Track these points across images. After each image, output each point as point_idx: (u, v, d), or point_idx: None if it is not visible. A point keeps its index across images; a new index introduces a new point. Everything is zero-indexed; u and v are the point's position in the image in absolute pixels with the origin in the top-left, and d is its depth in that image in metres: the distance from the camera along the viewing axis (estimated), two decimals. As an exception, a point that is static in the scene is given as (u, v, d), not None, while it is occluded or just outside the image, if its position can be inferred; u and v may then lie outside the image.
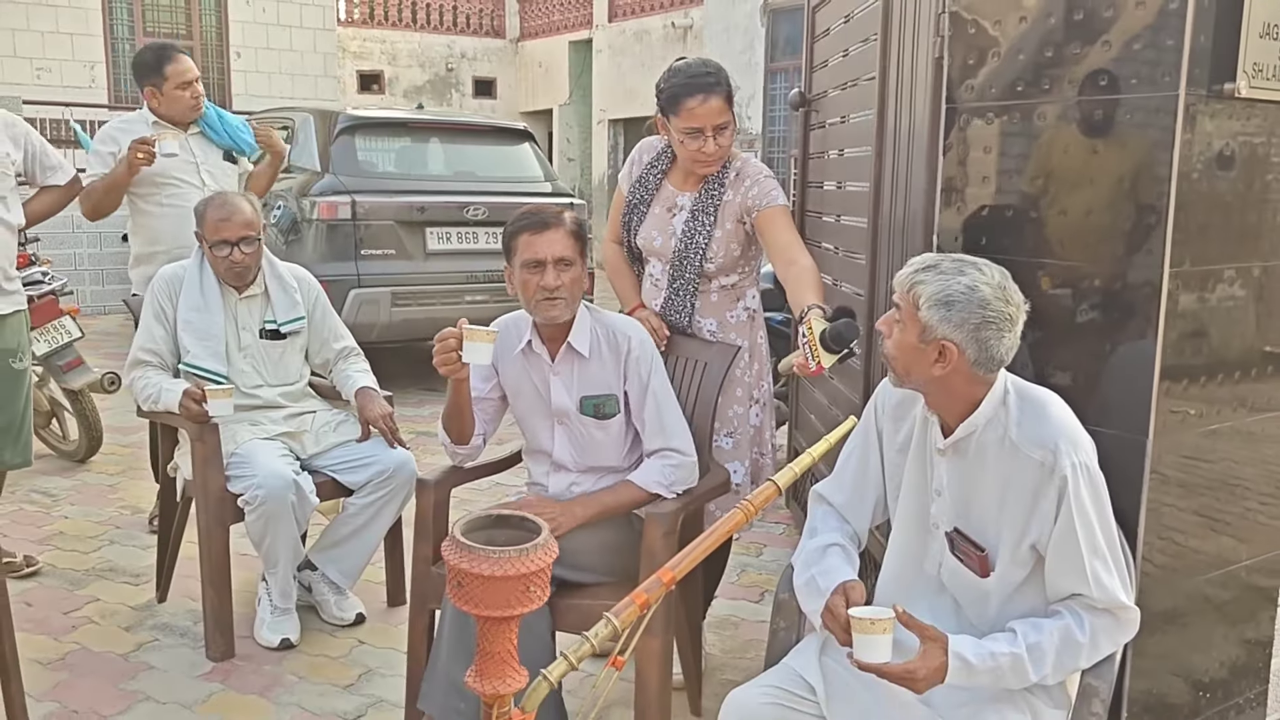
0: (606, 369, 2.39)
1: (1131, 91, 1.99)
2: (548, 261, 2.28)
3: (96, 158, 3.75)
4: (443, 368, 2.19)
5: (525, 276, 2.31)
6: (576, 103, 15.64)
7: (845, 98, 3.38)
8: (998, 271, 1.78)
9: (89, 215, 3.77)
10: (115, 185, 3.67)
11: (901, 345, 1.83)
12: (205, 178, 3.91)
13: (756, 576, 3.58)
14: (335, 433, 3.15)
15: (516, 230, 2.32)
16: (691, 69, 2.51)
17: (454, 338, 2.16)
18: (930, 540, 1.94)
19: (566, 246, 2.31)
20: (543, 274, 2.29)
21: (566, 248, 2.31)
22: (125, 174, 3.61)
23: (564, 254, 2.30)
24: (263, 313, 3.16)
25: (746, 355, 2.71)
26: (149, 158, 3.57)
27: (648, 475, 2.36)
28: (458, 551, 1.36)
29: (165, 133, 3.71)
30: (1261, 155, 2.08)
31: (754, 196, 2.56)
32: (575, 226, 2.34)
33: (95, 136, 3.87)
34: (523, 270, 2.31)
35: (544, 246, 2.28)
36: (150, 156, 3.57)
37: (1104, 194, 2.04)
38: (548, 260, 2.28)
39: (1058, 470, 1.71)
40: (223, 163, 3.98)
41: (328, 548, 3.15)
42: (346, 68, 15.74)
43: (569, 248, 2.31)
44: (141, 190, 3.73)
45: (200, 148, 3.90)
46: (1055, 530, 1.73)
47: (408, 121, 6.59)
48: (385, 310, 5.89)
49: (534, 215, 2.33)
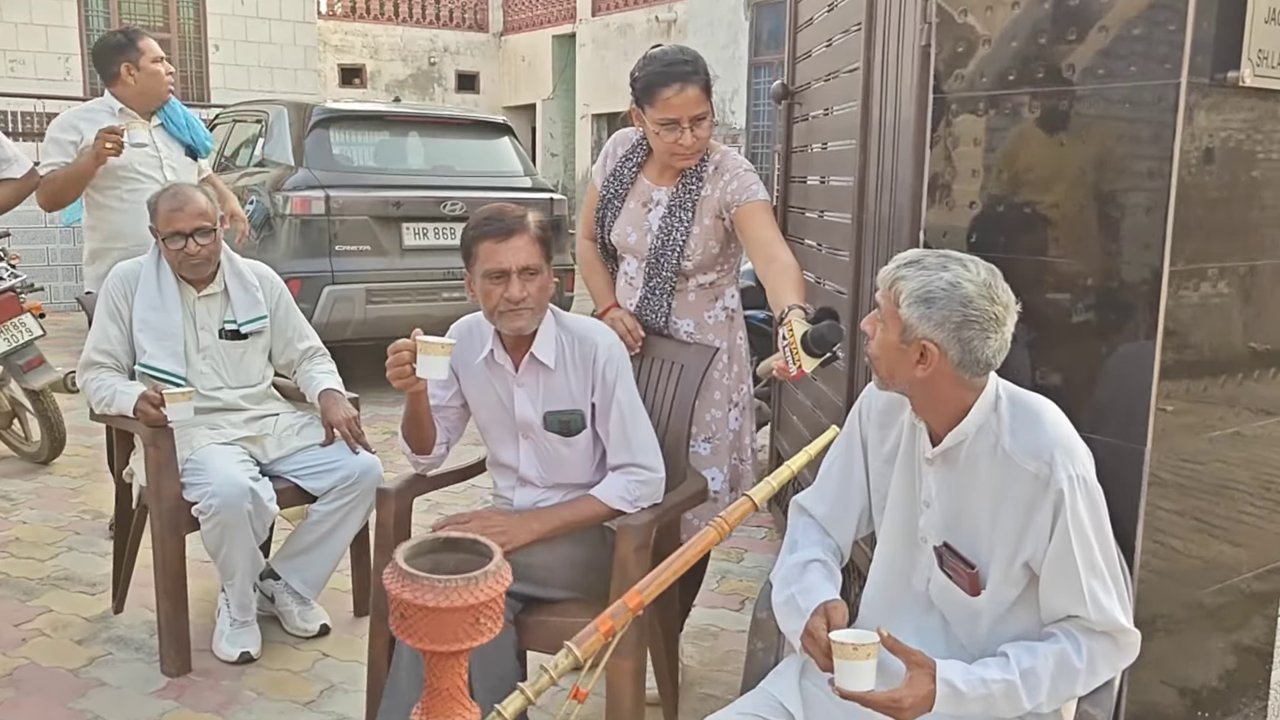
0: (573, 380, 2.25)
1: (1130, 80, 1.88)
2: (512, 271, 2.12)
3: (56, 146, 3.61)
4: (396, 381, 2.07)
5: (488, 287, 2.15)
6: (560, 97, 15.50)
7: (829, 89, 3.27)
8: (985, 268, 1.67)
9: (46, 206, 3.64)
10: (79, 176, 3.52)
11: (884, 346, 1.72)
12: (168, 172, 3.81)
13: (737, 583, 3.47)
14: (298, 436, 3.02)
15: (477, 236, 2.16)
16: (667, 57, 2.38)
17: (407, 350, 2.03)
18: (918, 555, 1.84)
19: (532, 254, 2.15)
20: (507, 285, 2.13)
21: (532, 255, 2.15)
22: (91, 164, 3.48)
23: (529, 262, 2.14)
24: (222, 312, 3.03)
25: (725, 357, 2.60)
26: (118, 148, 3.44)
27: (610, 490, 2.22)
28: (399, 580, 1.24)
29: (134, 122, 3.61)
30: (1265, 147, 1.97)
31: (733, 191, 2.44)
32: (540, 231, 2.18)
33: (53, 124, 3.72)
34: (485, 280, 2.16)
35: (508, 255, 2.12)
36: (119, 146, 3.44)
37: (1100, 188, 1.93)
38: (512, 270, 2.12)
39: (1053, 483, 1.60)
40: (184, 158, 3.89)
41: (291, 556, 3.03)
42: (327, 61, 15.57)
43: (534, 254, 2.15)
44: (101, 183, 3.59)
45: (163, 141, 3.81)
46: (1050, 547, 1.62)
47: (383, 115, 6.45)
48: (360, 308, 5.76)
49: (495, 220, 2.15)
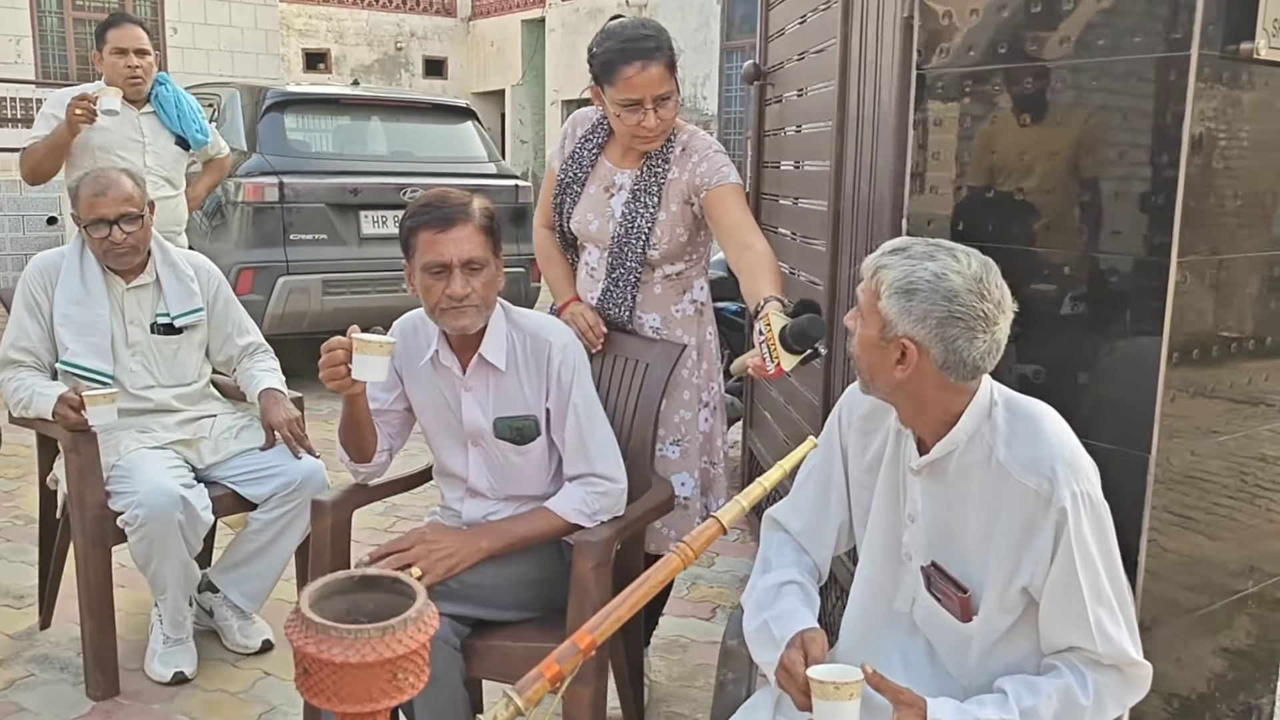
0: (527, 383, 2.05)
1: (1134, 52, 1.71)
2: (453, 265, 1.92)
3: (42, 120, 3.77)
4: (330, 383, 1.88)
5: (427, 281, 1.94)
6: (529, 83, 15.25)
7: (803, 68, 3.09)
8: (978, 260, 1.49)
9: (28, 178, 3.81)
10: (56, 146, 3.61)
11: (864, 343, 1.55)
12: (149, 159, 3.85)
13: (708, 590, 3.30)
14: (237, 440, 2.81)
15: (416, 225, 1.95)
16: (627, 31, 2.19)
17: (342, 349, 1.84)
18: (902, 573, 1.67)
19: (476, 245, 1.94)
20: (448, 280, 1.93)
21: (476, 246, 1.94)
22: (66, 134, 3.55)
23: (473, 255, 1.93)
24: (154, 304, 2.81)
25: (694, 354, 2.42)
26: (88, 114, 3.50)
27: (567, 503, 2.03)
28: (303, 631, 1.05)
29: (108, 90, 3.64)
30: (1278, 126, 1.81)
31: (703, 174, 2.25)
32: (486, 219, 1.98)
33: (46, 101, 3.87)
34: (424, 274, 1.95)
35: (449, 248, 1.92)
36: (89, 113, 3.52)
37: (1101, 171, 1.76)
38: (453, 263, 1.92)
39: (1055, 501, 1.44)
40: (173, 148, 3.96)
41: (230, 568, 2.82)
42: (291, 46, 15.22)
43: (479, 246, 1.95)
44: (80, 163, 3.62)
45: (150, 128, 3.88)
46: (1052, 571, 1.46)
47: (340, 98, 6.21)
48: (316, 299, 5.53)
49: (435, 208, 1.94)
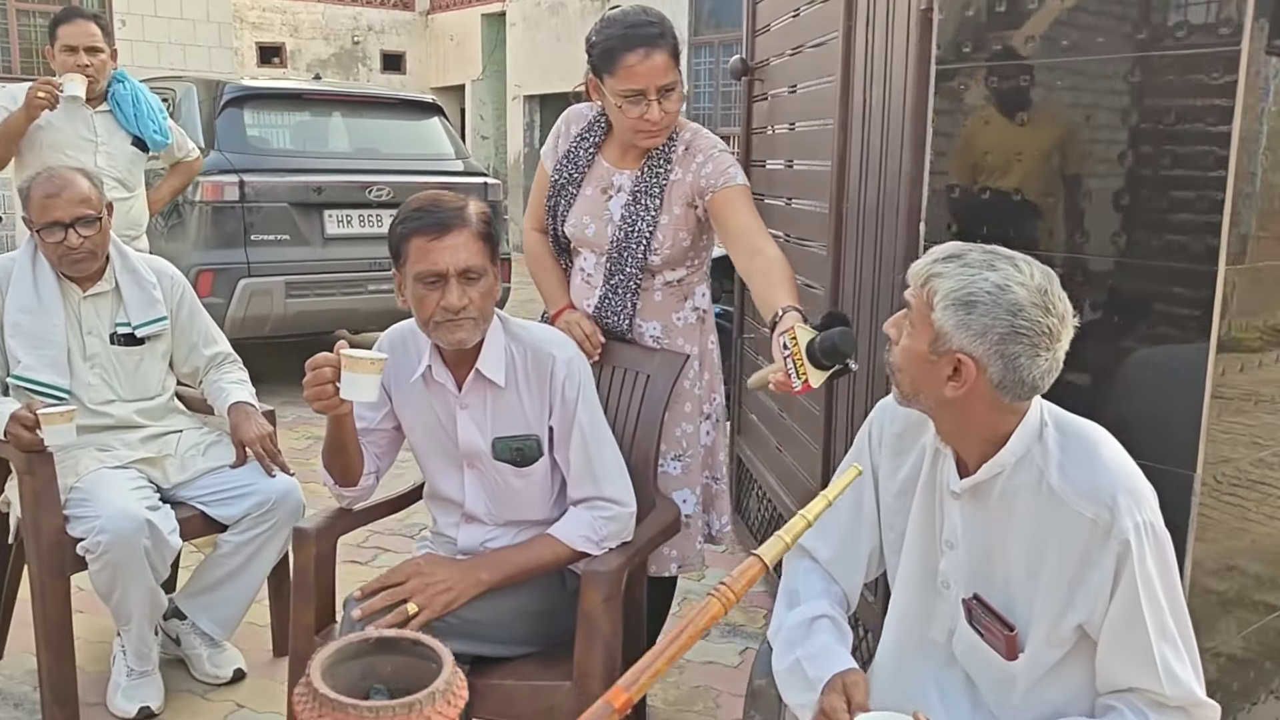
0: (527, 400, 1.91)
1: (1180, 47, 1.60)
2: (450, 275, 1.78)
3: None
4: (316, 404, 1.74)
5: (421, 292, 1.80)
6: (490, 78, 15.02)
7: (797, 64, 2.97)
8: (1040, 270, 1.38)
9: None
10: (10, 132, 3.50)
11: (909, 355, 1.43)
12: (101, 160, 3.66)
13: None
14: (205, 457, 2.64)
15: (407, 232, 1.80)
16: (629, 18, 2.06)
17: (330, 366, 1.70)
18: (938, 602, 1.56)
19: (474, 253, 1.80)
20: (444, 291, 1.79)
21: (474, 254, 1.80)
22: (22, 119, 3.46)
23: (470, 263, 1.79)
24: (114, 313, 2.63)
25: (696, 363, 2.29)
26: (50, 99, 3.42)
27: (572, 529, 1.89)
28: (315, 707, 0.91)
29: (74, 76, 3.51)
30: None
31: (708, 175, 2.12)
32: (483, 225, 1.83)
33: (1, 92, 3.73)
34: (417, 284, 1.80)
35: (444, 256, 1.77)
36: (51, 97, 3.42)
37: (1143, 172, 1.66)
38: (449, 273, 1.78)
39: (1116, 532, 1.33)
40: (129, 148, 3.78)
41: (199, 593, 2.65)
42: (244, 39, 14.87)
43: (476, 254, 1.80)
44: (29, 163, 3.48)
45: (104, 127, 3.71)
46: (1113, 608, 1.35)
47: (302, 93, 6.00)
48: (279, 301, 5.32)
49: (429, 212, 1.80)
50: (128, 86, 3.78)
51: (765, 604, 3.21)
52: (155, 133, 3.79)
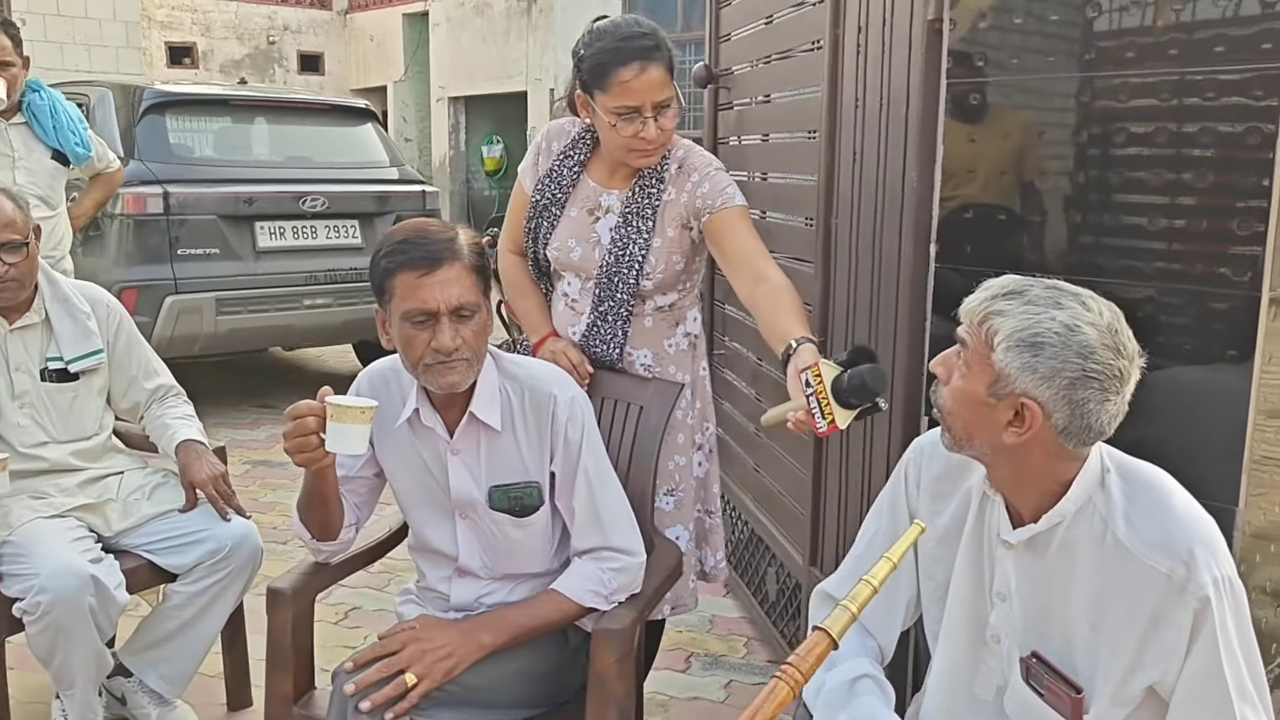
0: (525, 444, 1.76)
1: (1217, 64, 1.53)
2: (441, 313, 1.62)
3: None
4: (298, 456, 1.57)
5: (409, 332, 1.63)
6: (413, 79, 14.70)
7: (772, 72, 2.86)
8: (1108, 308, 1.29)
9: None
10: None
11: (964, 397, 1.33)
12: (20, 176, 3.41)
13: (679, 636, 3.05)
14: (150, 501, 2.43)
15: (394, 267, 1.63)
16: (621, 30, 1.92)
17: (314, 416, 1.54)
18: (986, 655, 1.46)
19: (466, 288, 1.64)
20: (435, 331, 1.62)
21: (466, 290, 1.64)
22: None
23: (463, 300, 1.63)
24: (44, 347, 2.41)
25: (689, 392, 2.17)
26: None
27: (580, 584, 1.74)
28: None
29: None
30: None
31: (704, 195, 1.99)
32: (476, 257, 1.66)
33: None
34: (404, 323, 1.64)
35: (435, 292, 1.61)
36: None
37: (1180, 193, 1.58)
38: (440, 311, 1.62)
39: (1192, 588, 1.24)
40: (49, 163, 3.52)
41: (146, 648, 2.43)
42: (153, 39, 14.29)
43: (470, 289, 1.64)
44: None
45: (21, 141, 3.46)
46: (1189, 667, 1.26)
47: (229, 99, 5.70)
48: (209, 319, 5.04)
49: (416, 245, 1.62)
50: (44, 97, 3.53)
51: (745, 631, 3.11)
52: (76, 145, 3.55)
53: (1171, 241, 1.61)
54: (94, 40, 12.44)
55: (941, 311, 1.91)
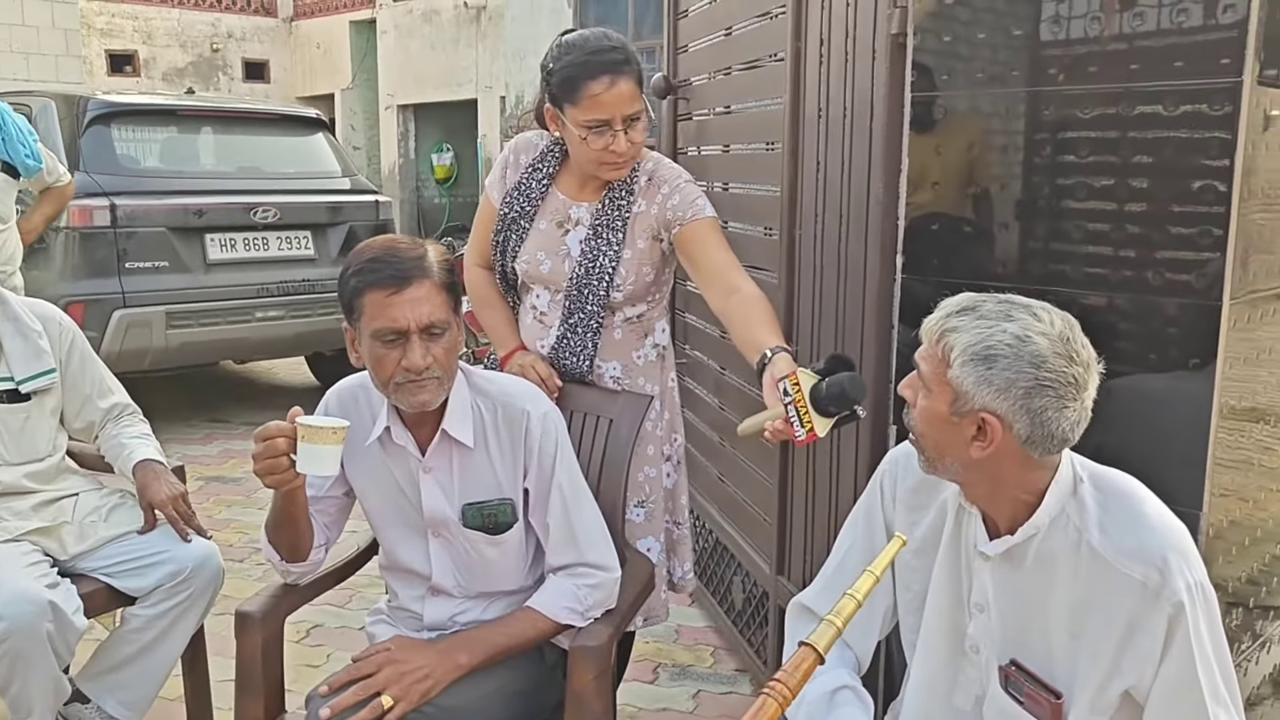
0: (499, 461, 1.74)
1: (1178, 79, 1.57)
2: (411, 332, 1.60)
3: None
4: (267, 478, 1.55)
5: (380, 351, 1.62)
6: (361, 87, 14.57)
7: (730, 84, 2.88)
8: (1060, 317, 1.31)
9: None
10: None
11: (930, 417, 1.35)
12: None
13: (645, 647, 3.05)
14: (107, 523, 2.37)
15: (363, 285, 1.61)
16: (590, 43, 1.92)
17: (284, 438, 1.52)
18: (965, 665, 1.47)
19: (437, 306, 1.62)
20: (405, 349, 1.61)
21: (436, 308, 1.62)
22: None
23: (434, 318, 1.62)
24: (-7, 368, 2.34)
25: (657, 403, 2.17)
26: None
27: (555, 601, 1.73)
28: None
29: None
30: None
31: (675, 207, 2.00)
32: (445, 274, 1.65)
33: None
34: (375, 342, 1.62)
35: (405, 311, 1.59)
36: None
37: (1141, 202, 1.62)
38: (411, 330, 1.60)
39: (1167, 594, 1.27)
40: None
41: (104, 673, 2.37)
42: (92, 46, 14.02)
43: (440, 306, 1.63)
44: None
45: None
46: (1164, 671, 1.29)
47: (176, 109, 5.60)
48: (159, 333, 4.95)
49: (385, 263, 1.61)
50: None
51: (711, 640, 3.11)
52: (27, 157, 3.46)
53: (1134, 250, 1.64)
54: (32, 48, 12.15)
55: (908, 321, 1.93)
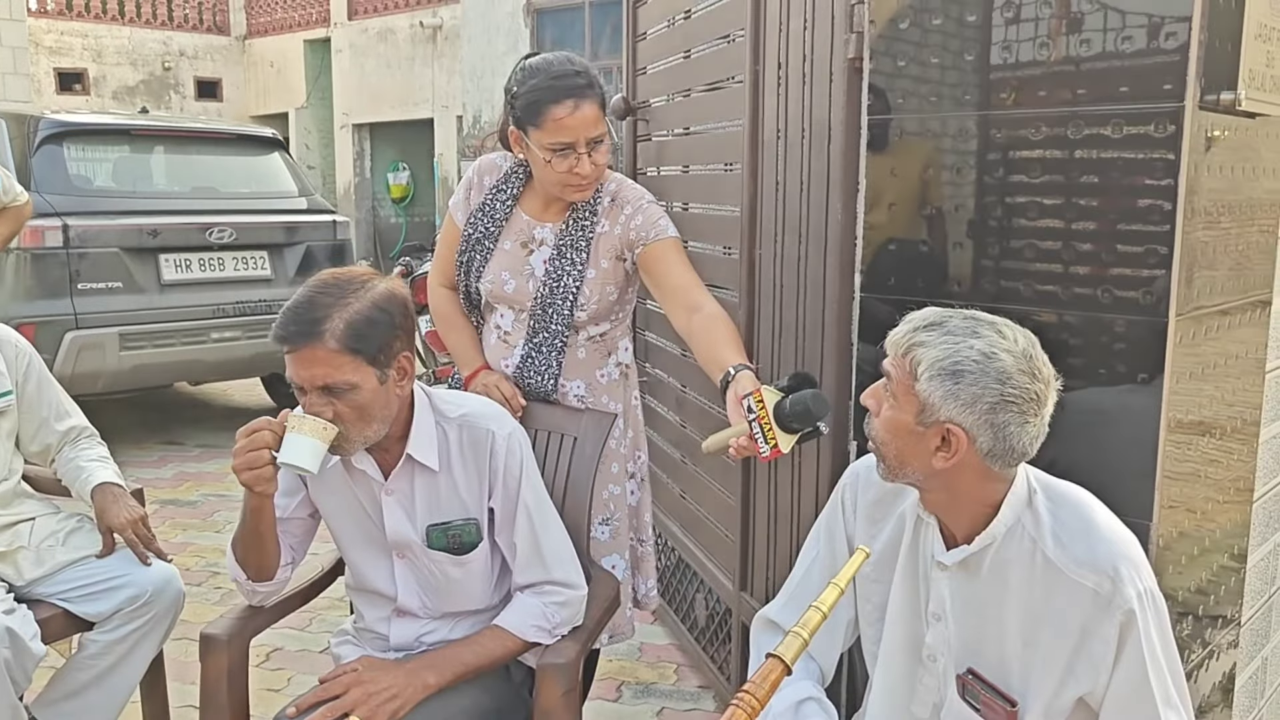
0: (463, 481, 1.75)
1: (1123, 102, 1.62)
2: (308, 389, 1.61)
3: None
4: (246, 472, 1.56)
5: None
6: (315, 106, 14.50)
7: (691, 106, 2.92)
8: (1023, 335, 1.36)
9: None
10: None
11: (894, 427, 1.38)
12: None
13: (609, 665, 3.05)
14: (65, 547, 2.34)
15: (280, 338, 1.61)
16: (554, 68, 1.94)
17: (271, 431, 1.54)
18: (923, 674, 1.51)
19: (339, 367, 1.59)
20: (307, 401, 1.62)
21: (338, 369, 1.59)
22: None
23: (330, 380, 1.60)
24: (-52, 390, 2.31)
25: (621, 421, 2.19)
26: None
27: (523, 619, 1.74)
28: None
29: None
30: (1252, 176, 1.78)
31: (638, 227, 2.03)
32: (351, 337, 1.59)
33: None
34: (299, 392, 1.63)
35: (299, 369, 1.60)
36: None
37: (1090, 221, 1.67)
38: (307, 387, 1.61)
39: (1118, 602, 1.31)
40: None
41: (61, 700, 2.33)
42: (41, 65, 13.83)
43: (343, 368, 1.59)
44: None
45: None
46: (1117, 677, 1.33)
47: (130, 128, 5.54)
48: (112, 355, 4.88)
49: (285, 324, 1.59)
50: None
51: (675, 658, 3.13)
52: None
53: (1083, 268, 1.69)
54: (-22, 66, 11.97)
55: (868, 339, 1.97)
